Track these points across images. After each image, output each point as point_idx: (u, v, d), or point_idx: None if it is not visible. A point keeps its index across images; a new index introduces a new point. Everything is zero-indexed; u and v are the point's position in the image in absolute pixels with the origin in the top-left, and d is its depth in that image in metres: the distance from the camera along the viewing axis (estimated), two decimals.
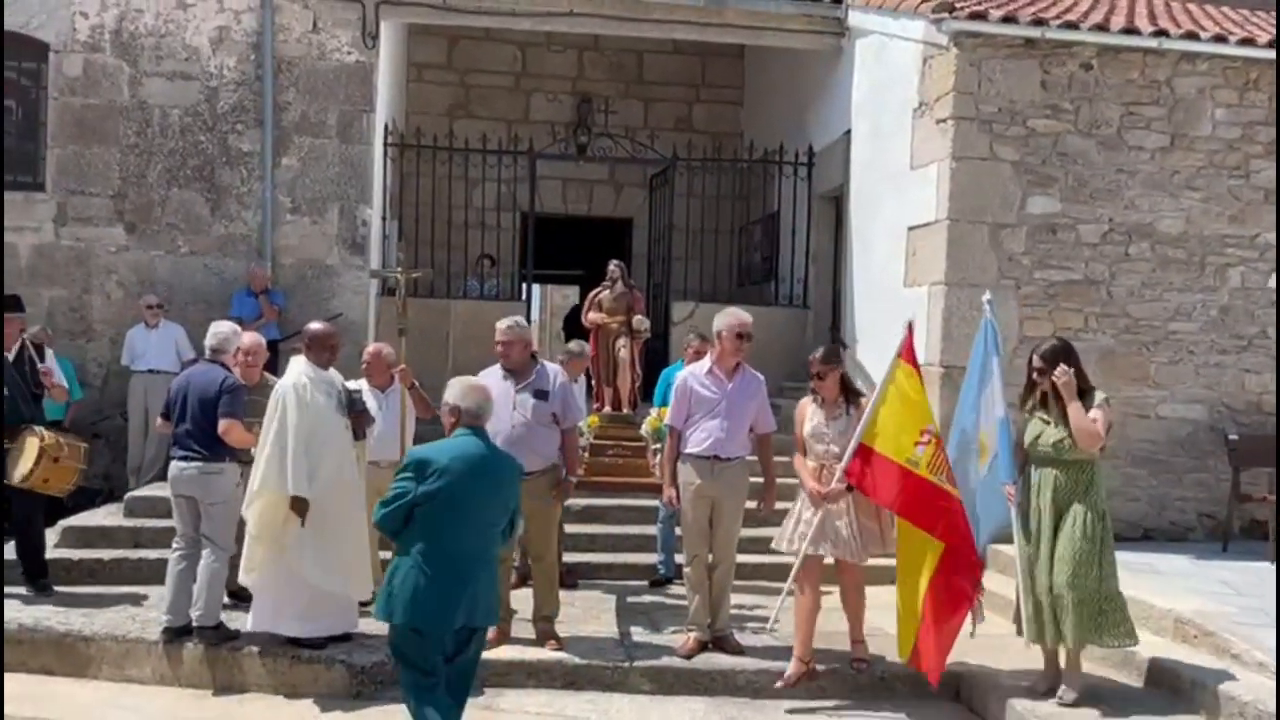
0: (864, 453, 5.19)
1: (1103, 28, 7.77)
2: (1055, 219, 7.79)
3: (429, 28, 12.08)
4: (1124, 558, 6.96)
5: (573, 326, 15.16)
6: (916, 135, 8.16)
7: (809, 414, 5.51)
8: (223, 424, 5.46)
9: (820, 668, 5.41)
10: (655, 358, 9.00)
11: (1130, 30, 7.77)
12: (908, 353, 5.32)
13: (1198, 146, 7.89)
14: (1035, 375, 5.05)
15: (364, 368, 6.39)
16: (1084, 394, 4.94)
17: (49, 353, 6.77)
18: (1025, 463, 5.10)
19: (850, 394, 5.49)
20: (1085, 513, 4.89)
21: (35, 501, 6.36)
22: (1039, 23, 7.68)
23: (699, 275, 10.88)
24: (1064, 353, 5.01)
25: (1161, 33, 7.76)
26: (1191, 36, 7.79)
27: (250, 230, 9.45)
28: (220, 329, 5.92)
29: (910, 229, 8.18)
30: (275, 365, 7.07)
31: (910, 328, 5.42)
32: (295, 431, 5.31)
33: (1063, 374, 4.90)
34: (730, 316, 5.65)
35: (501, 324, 5.68)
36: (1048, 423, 5.02)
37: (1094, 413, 4.90)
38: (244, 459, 5.60)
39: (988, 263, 7.70)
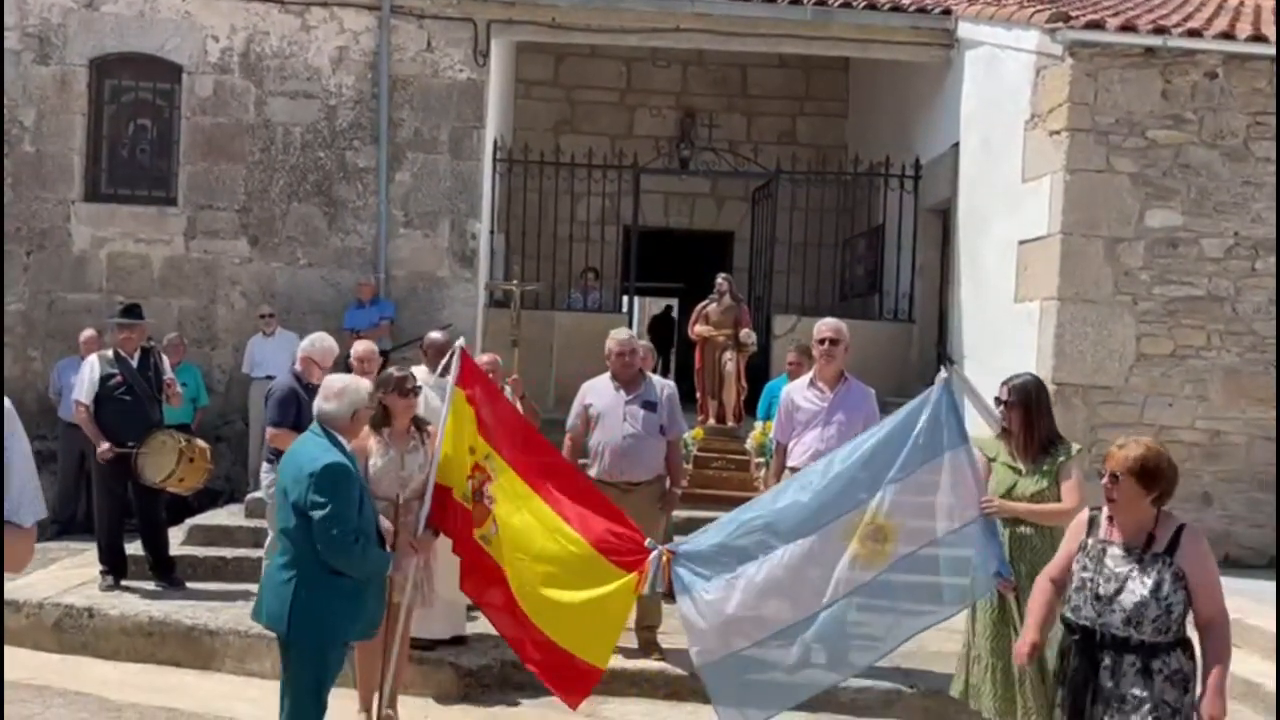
0: (440, 493, 4.64)
1: (1229, 35, 7.50)
2: (1176, 232, 7.54)
3: (537, 45, 12.32)
4: (1250, 586, 6.72)
5: (655, 334, 15.28)
6: (1028, 147, 7.99)
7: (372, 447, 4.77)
8: (269, 432, 5.72)
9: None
10: (756, 372, 8.99)
11: (1258, 38, 7.49)
12: (465, 376, 4.68)
13: None
14: (999, 409, 4.35)
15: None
16: (1053, 444, 4.25)
17: (165, 362, 7.03)
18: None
19: (419, 423, 4.83)
20: None
21: (160, 500, 6.69)
22: (1160, 31, 7.45)
23: (801, 289, 10.82)
24: (1036, 389, 4.29)
25: None
26: None
27: (365, 243, 9.77)
28: (302, 345, 6.05)
29: (1021, 243, 8.01)
30: None
31: (463, 349, 4.75)
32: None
33: (989, 504, 4.17)
34: (818, 324, 5.61)
35: (620, 334, 5.71)
36: (1018, 471, 4.26)
37: (1071, 478, 4.16)
38: None
39: (1103, 277, 7.49)
